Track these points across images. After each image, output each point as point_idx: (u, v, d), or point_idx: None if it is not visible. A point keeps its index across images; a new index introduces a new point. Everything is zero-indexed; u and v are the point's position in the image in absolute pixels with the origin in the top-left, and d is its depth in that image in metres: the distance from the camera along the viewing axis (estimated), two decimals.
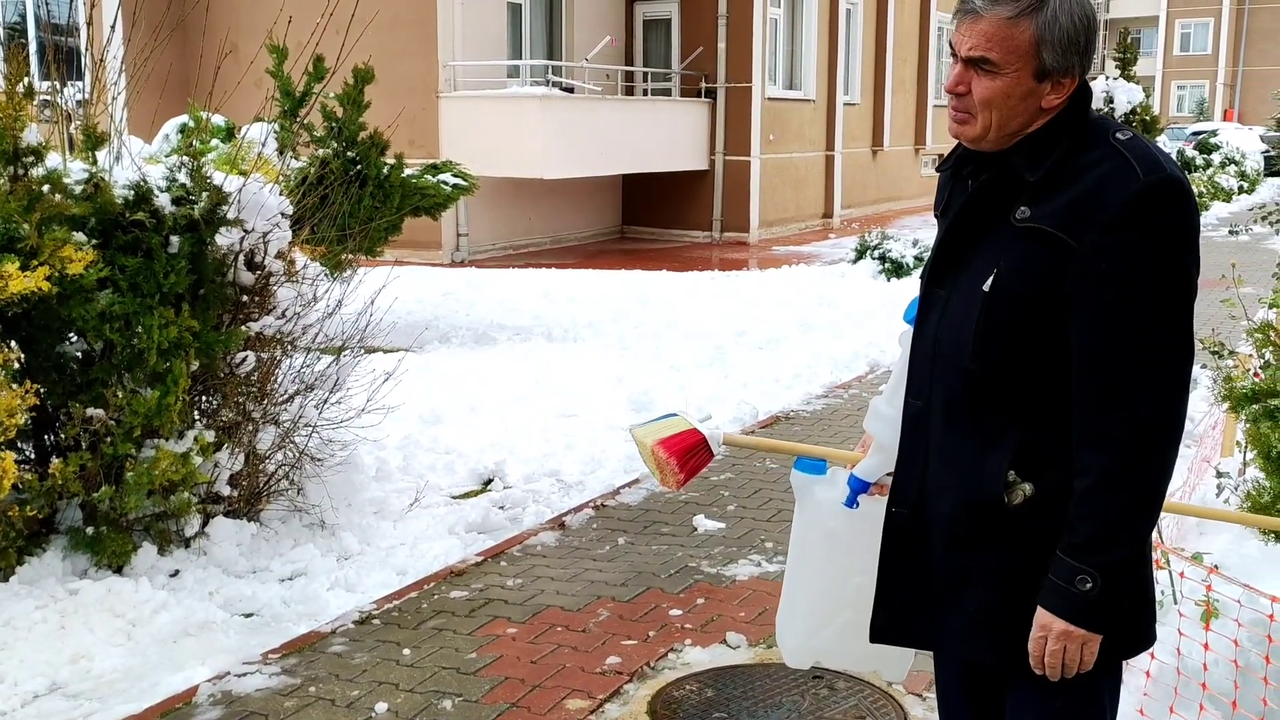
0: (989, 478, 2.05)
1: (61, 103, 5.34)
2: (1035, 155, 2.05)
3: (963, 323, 2.08)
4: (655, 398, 8.05)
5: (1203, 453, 5.28)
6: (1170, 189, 1.95)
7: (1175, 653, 3.13)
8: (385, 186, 10.42)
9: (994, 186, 2.09)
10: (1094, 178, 1.98)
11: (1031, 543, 2.04)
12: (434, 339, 10.56)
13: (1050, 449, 2.03)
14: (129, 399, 4.64)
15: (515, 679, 3.98)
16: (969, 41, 2.03)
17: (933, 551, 2.15)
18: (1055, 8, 2.00)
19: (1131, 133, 2.06)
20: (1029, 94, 2.03)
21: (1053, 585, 1.99)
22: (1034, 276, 2.00)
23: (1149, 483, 1.98)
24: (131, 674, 4.05)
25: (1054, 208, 2.00)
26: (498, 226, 17.69)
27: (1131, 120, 21.17)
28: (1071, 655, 1.99)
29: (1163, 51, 63.36)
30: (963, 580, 2.11)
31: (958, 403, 2.09)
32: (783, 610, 2.55)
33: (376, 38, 16.35)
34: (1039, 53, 2.01)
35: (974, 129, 2.08)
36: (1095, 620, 1.97)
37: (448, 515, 5.86)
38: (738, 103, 19.86)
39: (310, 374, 5.67)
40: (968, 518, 2.08)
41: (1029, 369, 2.03)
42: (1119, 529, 1.96)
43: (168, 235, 4.66)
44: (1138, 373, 1.94)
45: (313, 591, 4.84)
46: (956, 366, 2.09)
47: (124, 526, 4.84)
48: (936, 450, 2.13)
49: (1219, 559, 4.23)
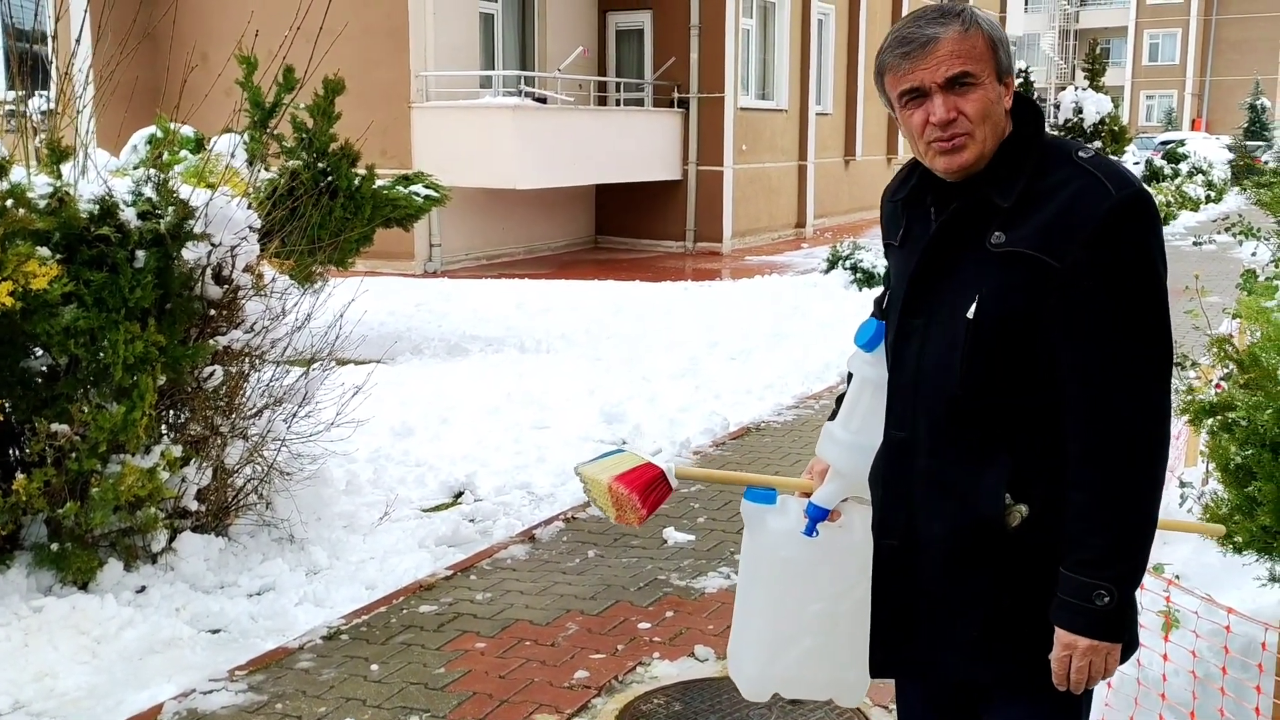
0: (986, 501, 2.07)
1: (27, 114, 5.31)
2: (1003, 180, 2.08)
3: (948, 352, 2.09)
4: (627, 409, 8.05)
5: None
6: (1142, 202, 2.01)
7: (1136, 663, 3.15)
8: (356, 198, 10.38)
9: (964, 214, 2.10)
10: (1066, 197, 2.02)
11: (1025, 561, 2.07)
12: (406, 350, 10.53)
13: (1040, 468, 2.06)
14: (94, 414, 4.62)
15: (483, 694, 3.98)
16: (943, 66, 2.05)
17: (924, 579, 2.16)
18: (982, 15, 2.10)
19: (1093, 150, 2.11)
20: (999, 99, 2.09)
21: (1069, 604, 2.01)
22: (1016, 300, 2.03)
23: (1147, 493, 2.02)
24: (96, 692, 4.02)
25: (1029, 230, 2.03)
26: (471, 237, 17.66)
27: (1100, 130, 21.36)
28: (1097, 668, 2.03)
29: (1131, 61, 63.93)
30: (960, 603, 2.13)
31: (946, 430, 2.11)
32: (735, 641, 2.52)
33: (348, 47, 16.30)
34: (996, 54, 2.08)
35: (973, 150, 2.08)
36: (1116, 631, 2.02)
37: (418, 529, 5.84)
38: (710, 113, 19.90)
39: (279, 388, 5.65)
40: (965, 541, 2.10)
41: (1016, 390, 2.06)
42: (1128, 541, 2.01)
43: (133, 250, 4.64)
44: (1130, 384, 1.99)
45: (281, 607, 4.82)
46: (943, 395, 2.10)
47: (89, 543, 4.80)
48: (924, 478, 2.14)
49: (1181, 569, 4.27)
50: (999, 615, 2.10)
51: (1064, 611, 2.02)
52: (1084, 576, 1.99)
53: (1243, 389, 3.08)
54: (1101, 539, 1.99)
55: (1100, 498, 1.99)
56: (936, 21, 2.07)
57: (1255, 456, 2.94)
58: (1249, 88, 52.59)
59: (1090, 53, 23.59)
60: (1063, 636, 2.02)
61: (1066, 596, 2.01)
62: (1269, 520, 2.87)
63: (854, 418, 2.33)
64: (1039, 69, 60.06)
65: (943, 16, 2.08)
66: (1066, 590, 2.02)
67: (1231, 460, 3.10)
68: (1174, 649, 3.09)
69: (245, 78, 9.45)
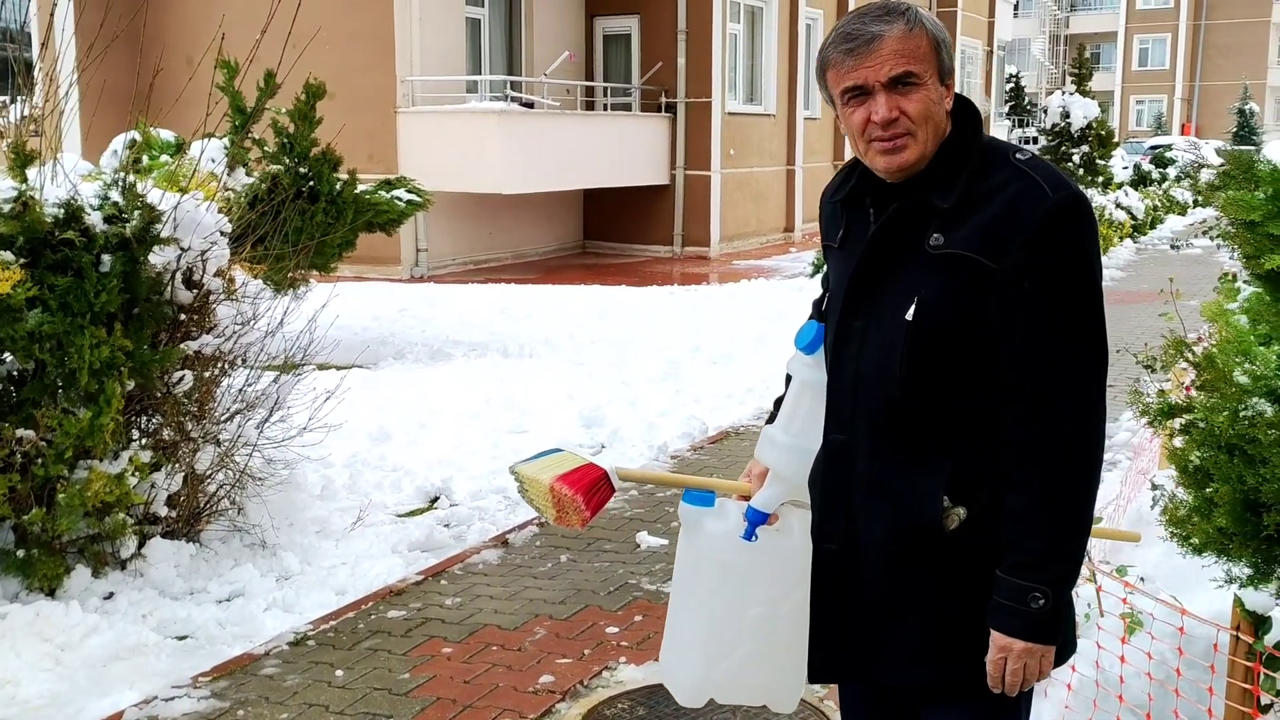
0: (925, 504, 2.07)
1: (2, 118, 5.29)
2: (943, 181, 2.07)
3: (887, 354, 2.08)
4: (606, 413, 8.04)
5: (1139, 465, 5.32)
6: (1078, 204, 2.02)
7: (1095, 665, 3.14)
8: (338, 202, 10.35)
9: (904, 215, 2.10)
10: (1005, 199, 2.02)
11: (964, 563, 2.07)
12: (389, 355, 10.51)
13: (979, 471, 2.06)
14: (60, 419, 4.59)
15: (447, 699, 3.96)
16: (886, 65, 2.04)
17: (863, 582, 2.15)
18: (926, 15, 2.08)
19: (1030, 153, 2.10)
20: (940, 100, 2.08)
21: (1004, 607, 2.01)
22: (955, 301, 2.03)
23: (1085, 494, 2.03)
24: (58, 699, 3.99)
25: (968, 232, 2.03)
26: (458, 241, 17.65)
27: (1088, 134, 21.39)
28: (1032, 670, 2.03)
29: (1121, 66, 64.16)
30: (900, 605, 2.12)
31: (885, 433, 2.10)
32: (669, 647, 2.48)
33: (334, 53, 16.38)
34: (939, 55, 2.08)
35: (914, 150, 2.07)
36: (1051, 634, 2.01)
37: (391, 534, 5.81)
38: (698, 117, 19.91)
39: (252, 393, 5.62)
40: (904, 544, 2.09)
41: (955, 393, 2.06)
42: (1062, 543, 2.01)
43: (99, 254, 4.61)
44: (1067, 385, 2.00)
45: (249, 613, 4.79)
46: (882, 397, 2.09)
47: (57, 549, 4.77)
48: (864, 481, 2.13)
49: (1150, 571, 4.26)
50: (938, 618, 2.09)
51: (1000, 614, 2.01)
52: (1019, 579, 1.99)
53: (1199, 390, 3.08)
54: (1038, 541, 1.99)
55: (1037, 500, 1.99)
56: (881, 19, 2.06)
57: (1212, 458, 2.93)
58: (1238, 92, 52.79)
59: (1078, 57, 23.61)
60: (998, 639, 2.02)
61: (1002, 599, 2.01)
62: (1225, 522, 2.86)
63: (794, 421, 2.31)
64: (1030, 74, 60.24)
65: (887, 14, 2.07)
66: (1002, 593, 2.01)
67: (1190, 462, 3.09)
68: (1133, 651, 3.08)
69: (225, 82, 9.43)
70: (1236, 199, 2.73)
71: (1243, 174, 2.73)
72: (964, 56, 31.01)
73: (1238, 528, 2.85)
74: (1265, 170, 2.70)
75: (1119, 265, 17.85)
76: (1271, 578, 2.83)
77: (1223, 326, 3.22)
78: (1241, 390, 2.84)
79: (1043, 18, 65.17)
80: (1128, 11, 64.33)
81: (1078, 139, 21.54)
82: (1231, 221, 2.76)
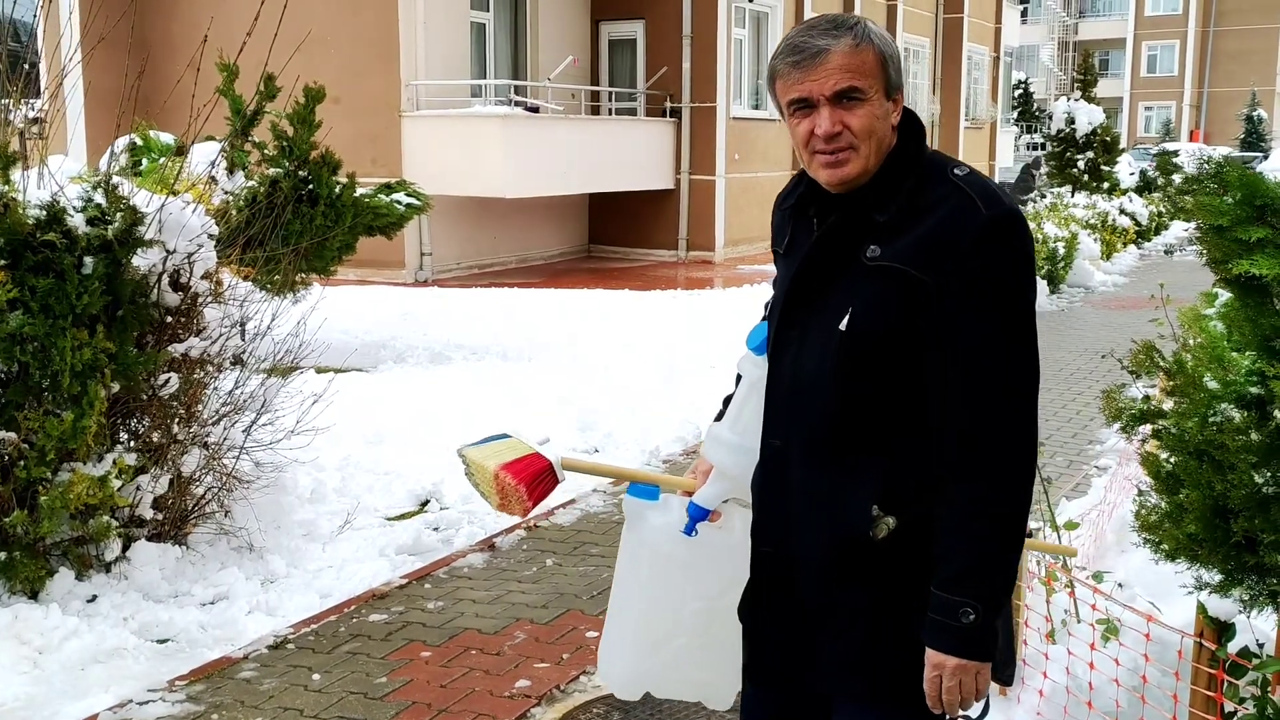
0: (854, 514, 2.06)
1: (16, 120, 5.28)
2: (882, 194, 2.08)
3: (820, 363, 2.09)
4: (602, 417, 8.03)
5: (1126, 471, 5.29)
6: (1011, 220, 2.03)
7: (1066, 671, 3.12)
8: (337, 206, 10.36)
9: (842, 227, 2.11)
10: (940, 215, 2.03)
11: (897, 576, 2.06)
12: (389, 359, 10.51)
13: (911, 481, 2.06)
14: (42, 421, 4.59)
15: (422, 703, 3.94)
16: (831, 79, 2.04)
17: (799, 588, 2.15)
18: (877, 30, 2.09)
19: (969, 169, 2.11)
20: (885, 115, 2.08)
21: (936, 623, 2.00)
22: (888, 313, 2.03)
23: (1017, 507, 2.01)
24: (34, 703, 3.99)
25: (903, 245, 2.03)
26: (463, 246, 17.65)
27: (1092, 141, 21.31)
28: (968, 688, 2.00)
29: (1130, 73, 64.02)
30: (832, 616, 2.11)
31: (818, 441, 2.10)
32: (608, 638, 2.49)
33: (338, 57, 16.40)
34: (886, 70, 2.08)
35: (856, 165, 2.07)
36: (981, 650, 1.99)
37: (379, 537, 5.80)
38: (703, 122, 19.91)
39: (239, 395, 5.62)
40: (835, 554, 2.09)
41: (888, 404, 2.06)
42: (994, 557, 2.00)
43: (81, 256, 4.61)
44: (998, 400, 1.99)
45: (231, 616, 4.79)
46: (816, 406, 2.10)
47: (39, 551, 4.77)
48: (798, 488, 2.14)
49: (1133, 578, 4.23)
50: (870, 630, 2.08)
51: (931, 630, 2.00)
52: (949, 594, 1.98)
53: (1169, 395, 3.06)
54: (967, 556, 1.98)
55: (967, 513, 1.98)
56: (828, 33, 2.06)
57: (1182, 464, 2.91)
58: (1246, 99, 52.64)
59: (1083, 63, 23.55)
60: (932, 656, 2.01)
61: (934, 614, 2.00)
62: (1195, 528, 2.83)
63: (740, 420, 2.31)
64: (1038, 80, 60.15)
65: (835, 28, 2.07)
66: (934, 608, 2.00)
67: (1163, 468, 3.07)
68: (1104, 658, 3.06)
69: (225, 85, 9.44)
70: (1205, 204, 2.71)
71: (1211, 178, 2.71)
72: (970, 63, 30.98)
73: (1207, 534, 2.82)
74: (1233, 175, 2.68)
75: (1121, 271, 17.80)
76: (1240, 585, 2.80)
77: (1198, 332, 3.20)
78: (1211, 396, 2.82)
79: (1051, 24, 65.06)
80: (1137, 18, 64.21)
81: (1083, 145, 21.46)
82: (1200, 226, 2.74)
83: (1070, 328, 12.81)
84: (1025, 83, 50.27)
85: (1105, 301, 14.91)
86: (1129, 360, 4.62)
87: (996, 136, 33.34)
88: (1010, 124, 37.56)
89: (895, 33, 27.26)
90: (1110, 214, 19.11)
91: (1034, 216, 16.47)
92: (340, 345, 10.07)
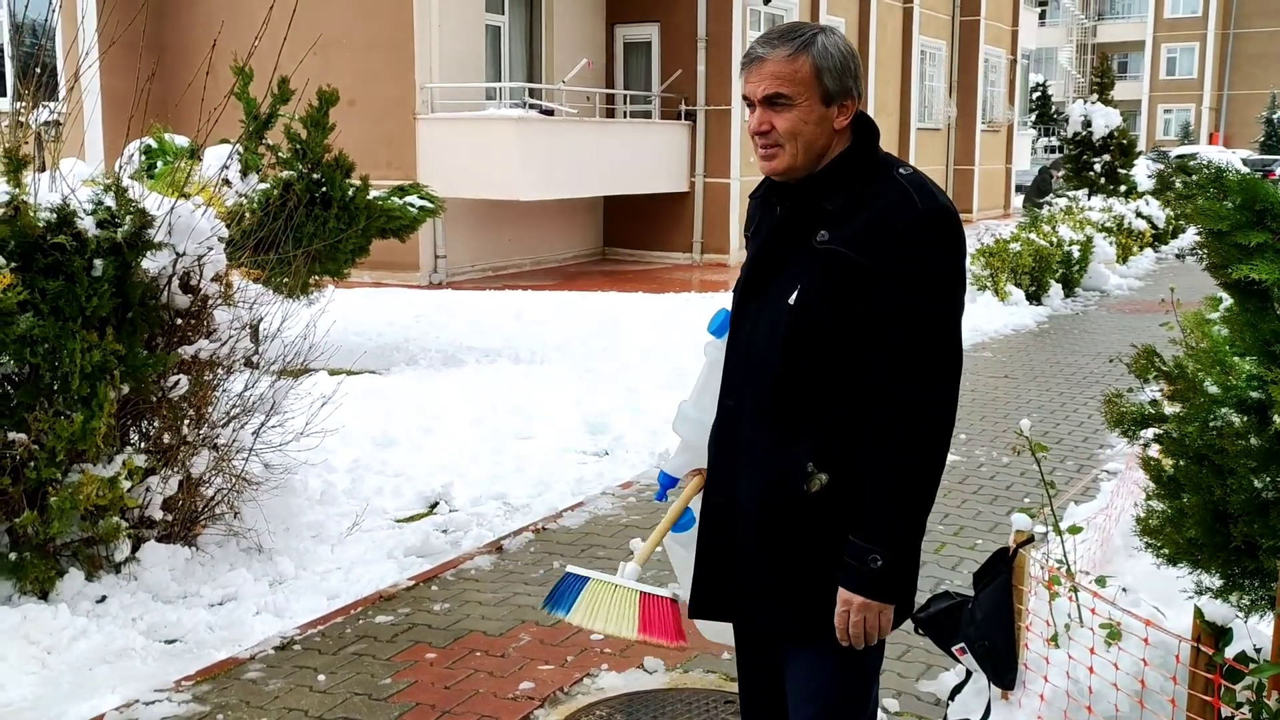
0: (791, 469, 2.32)
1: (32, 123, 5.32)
2: (833, 186, 2.34)
3: (771, 332, 2.35)
4: (611, 420, 8.04)
5: (1134, 476, 5.26)
6: (944, 215, 2.29)
7: (1066, 675, 3.11)
8: (350, 208, 10.40)
9: (798, 214, 2.37)
10: (881, 206, 2.28)
11: (826, 526, 2.32)
12: (401, 361, 10.54)
13: (843, 442, 2.31)
14: (52, 423, 4.62)
15: (426, 705, 3.96)
16: (762, 84, 2.32)
17: (739, 535, 2.41)
18: (824, 42, 2.32)
19: (912, 169, 2.37)
20: (821, 119, 2.33)
21: (849, 566, 2.29)
22: (831, 292, 2.28)
23: (933, 473, 2.29)
24: (41, 703, 4.01)
25: (848, 232, 2.29)
26: (477, 248, 17.69)
27: (1109, 143, 21.22)
28: (871, 624, 2.29)
29: (1149, 75, 63.74)
30: (767, 559, 2.37)
31: (765, 403, 2.36)
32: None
33: (353, 60, 16.45)
34: (821, 80, 2.31)
35: (783, 160, 2.34)
36: (886, 592, 2.28)
37: (388, 539, 5.82)
38: (717, 125, 19.91)
39: (249, 397, 5.64)
40: (773, 504, 2.35)
41: (826, 373, 2.31)
42: (908, 514, 2.27)
43: (91, 258, 4.64)
44: (919, 374, 2.25)
45: (239, 617, 4.81)
46: (765, 371, 2.35)
47: (49, 552, 4.80)
48: (746, 445, 2.39)
49: (1139, 583, 4.22)
50: (799, 573, 2.35)
51: (845, 572, 2.29)
52: (863, 541, 2.27)
53: (1169, 400, 3.05)
54: (882, 510, 2.25)
55: (886, 474, 2.25)
56: (771, 42, 2.33)
57: (1183, 469, 2.90)
58: (1267, 101, 52.34)
59: (1100, 65, 23.45)
60: (842, 594, 2.30)
61: (848, 558, 2.29)
62: (1195, 533, 2.82)
63: (704, 397, 2.56)
64: (1056, 83, 59.95)
65: (780, 38, 2.33)
66: (849, 553, 2.29)
67: (1164, 472, 3.06)
68: (1103, 663, 3.05)
69: (240, 89, 9.49)
70: (1205, 209, 2.70)
71: (1211, 183, 2.70)
72: (987, 65, 30.89)
73: (1207, 539, 2.82)
74: (1234, 180, 2.67)
75: (1138, 275, 17.74)
76: (1239, 589, 2.79)
77: (1201, 336, 3.19)
78: (1211, 400, 2.81)
79: (1070, 26, 64.83)
80: (1155, 20, 63.93)
81: (1099, 148, 21.37)
82: (1200, 231, 2.74)
83: (1083, 331, 12.77)
84: (1043, 85, 50.13)
85: (1120, 305, 14.85)
86: (1131, 364, 4.61)
87: (1013, 139, 33.24)
88: (1027, 127, 37.43)
89: (911, 35, 27.21)
90: (1126, 217, 19.03)
91: (1049, 219, 16.41)
92: (353, 347, 10.11)
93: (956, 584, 5.01)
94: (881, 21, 25.82)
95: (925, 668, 4.24)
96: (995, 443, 7.62)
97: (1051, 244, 14.79)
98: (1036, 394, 9.34)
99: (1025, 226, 15.65)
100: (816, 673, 2.40)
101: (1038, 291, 14.28)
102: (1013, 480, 6.78)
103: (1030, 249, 14.17)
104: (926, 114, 28.78)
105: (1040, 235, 14.89)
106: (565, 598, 2.51)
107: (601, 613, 2.48)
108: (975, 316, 12.50)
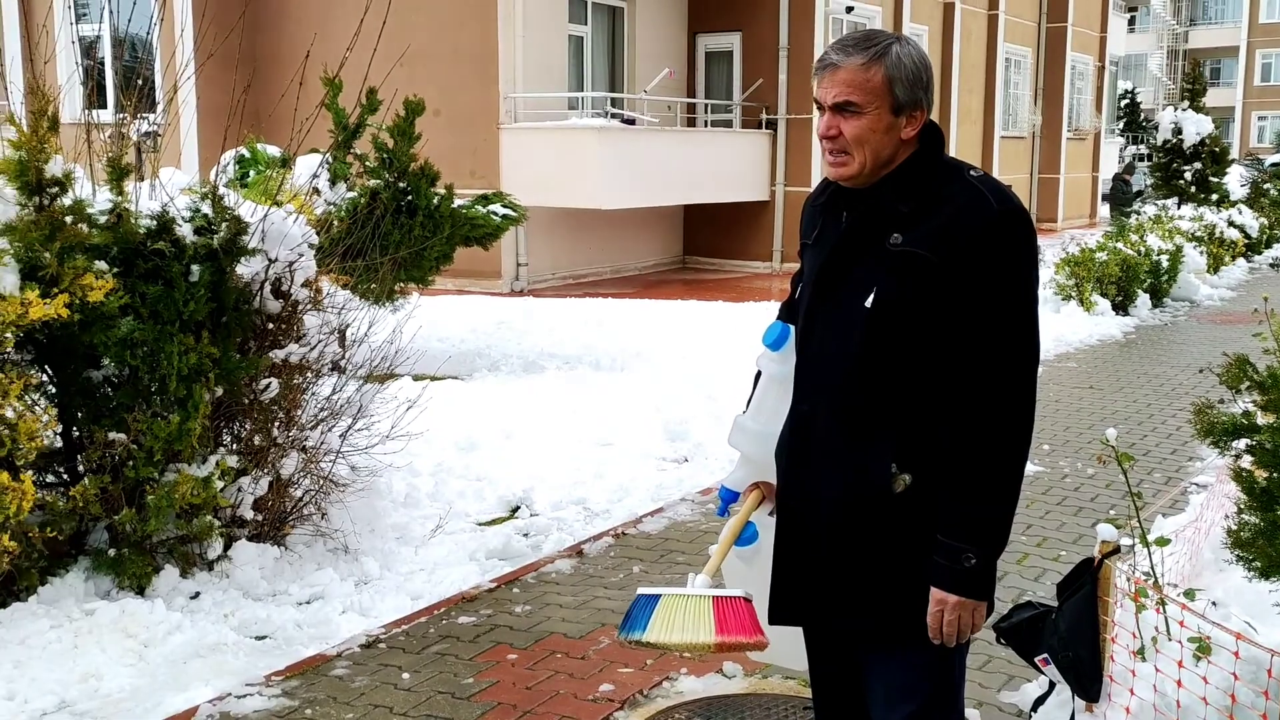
0: (873, 470, 2.35)
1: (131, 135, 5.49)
2: (904, 190, 2.37)
3: (846, 336, 2.37)
4: (690, 427, 8.06)
5: (1224, 489, 5.17)
6: (1019, 216, 2.32)
7: (1153, 689, 3.08)
8: (435, 217, 10.54)
9: (869, 218, 2.39)
10: (956, 207, 2.31)
11: (908, 525, 2.34)
12: (483, 367, 10.66)
13: (923, 442, 2.33)
14: (150, 423, 4.76)
15: (508, 704, 4.01)
16: (833, 91, 2.35)
17: (818, 537, 2.42)
18: (898, 52, 2.35)
19: (982, 172, 2.40)
20: (890, 127, 2.35)
21: (941, 566, 2.31)
22: (908, 293, 2.31)
23: (1016, 470, 2.32)
24: (138, 694, 4.14)
25: (923, 233, 2.31)
26: (558, 256, 17.83)
27: (1201, 151, 20.80)
28: (965, 622, 2.33)
29: (1243, 81, 62.27)
30: (849, 560, 2.39)
31: (843, 405, 2.38)
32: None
33: (439, 70, 16.70)
34: (892, 90, 2.34)
35: (852, 167, 2.37)
36: (980, 590, 2.32)
37: (470, 541, 5.90)
38: (798, 134, 19.85)
39: (337, 400, 5.76)
40: (855, 506, 2.37)
41: (904, 373, 2.33)
42: (994, 511, 2.30)
43: (188, 264, 4.78)
44: (999, 373, 2.28)
45: (326, 615, 4.91)
46: (841, 374, 2.38)
47: (147, 549, 4.95)
48: (823, 449, 2.42)
49: (1230, 597, 4.14)
50: (882, 573, 2.36)
51: (936, 571, 2.31)
52: (954, 541, 2.29)
53: (1262, 410, 3.00)
54: (970, 509, 2.28)
55: (971, 473, 2.27)
56: (846, 49, 2.35)
57: (1277, 481, 2.86)
58: None
59: (1191, 72, 23.00)
60: (936, 594, 2.32)
61: (939, 559, 2.31)
62: None
63: (762, 410, 2.58)
64: (1146, 90, 58.83)
65: (855, 45, 2.35)
66: (939, 553, 2.31)
67: (1257, 484, 3.02)
68: (1191, 677, 3.01)
69: (330, 100, 9.68)
70: None
71: None
72: (1074, 72, 30.42)
73: None
74: None
75: (1229, 285, 17.34)
76: None
77: None
78: None
79: (1160, 32, 63.62)
80: (1250, 25, 62.49)
81: (1190, 155, 20.95)
82: None
83: (1172, 342, 12.53)
84: (1132, 92, 49.23)
85: (1210, 316, 14.54)
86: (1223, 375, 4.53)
87: (1100, 147, 32.69)
88: (1115, 135, 36.79)
89: (996, 42, 26.90)
90: (1218, 226, 18.63)
91: (1137, 229, 16.13)
92: (436, 353, 10.24)
93: (1039, 595, 4.95)
94: (965, 29, 25.57)
95: (1007, 679, 4.21)
96: (1080, 454, 7.51)
97: (1139, 253, 14.54)
98: (1123, 405, 9.19)
99: (1112, 235, 15.40)
100: (908, 671, 2.41)
101: (1124, 301, 14.04)
102: (1098, 492, 6.68)
103: (1117, 258, 13.94)
104: (1011, 122, 28.42)
105: (1128, 244, 14.64)
106: (639, 619, 2.43)
107: (677, 625, 2.40)
108: (1059, 326, 12.33)
